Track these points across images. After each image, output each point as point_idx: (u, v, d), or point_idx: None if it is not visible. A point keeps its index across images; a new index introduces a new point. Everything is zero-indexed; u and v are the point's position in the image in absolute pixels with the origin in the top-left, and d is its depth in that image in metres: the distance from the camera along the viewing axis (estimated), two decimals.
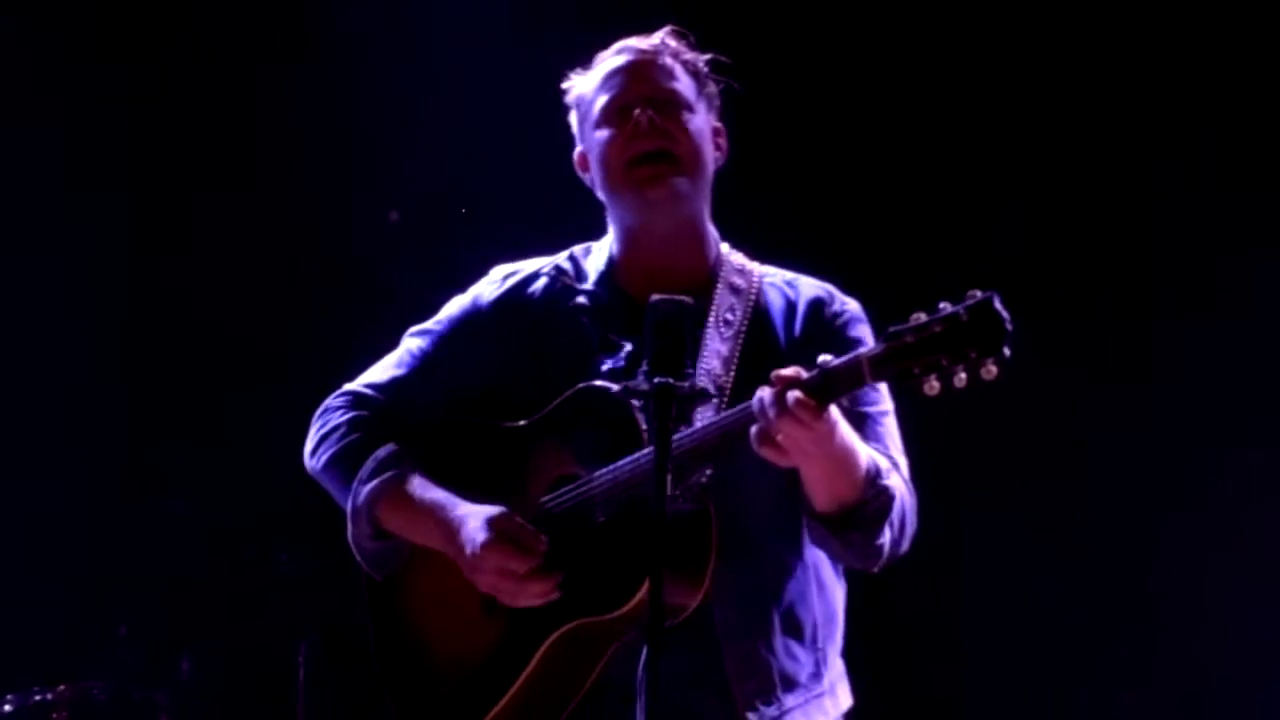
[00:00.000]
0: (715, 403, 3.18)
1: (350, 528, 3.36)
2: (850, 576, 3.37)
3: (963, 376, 2.80)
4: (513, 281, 3.46)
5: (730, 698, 3.19)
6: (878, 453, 3.16)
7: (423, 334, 3.48)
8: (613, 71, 3.40)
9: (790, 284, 3.40)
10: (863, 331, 3.32)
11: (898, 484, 3.15)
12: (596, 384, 3.23)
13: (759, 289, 3.36)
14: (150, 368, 6.20)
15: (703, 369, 3.23)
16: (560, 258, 3.47)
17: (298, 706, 5.70)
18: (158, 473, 6.13)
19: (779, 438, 2.93)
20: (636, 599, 3.04)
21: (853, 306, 3.38)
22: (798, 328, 3.33)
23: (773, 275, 3.41)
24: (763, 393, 2.93)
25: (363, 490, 3.31)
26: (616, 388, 3.03)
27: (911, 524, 3.20)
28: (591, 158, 3.40)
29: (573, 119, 3.47)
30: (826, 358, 2.92)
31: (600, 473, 3.17)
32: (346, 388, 3.47)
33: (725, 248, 3.43)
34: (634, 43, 3.42)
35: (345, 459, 3.37)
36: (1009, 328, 2.78)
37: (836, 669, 3.32)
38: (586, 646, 3.15)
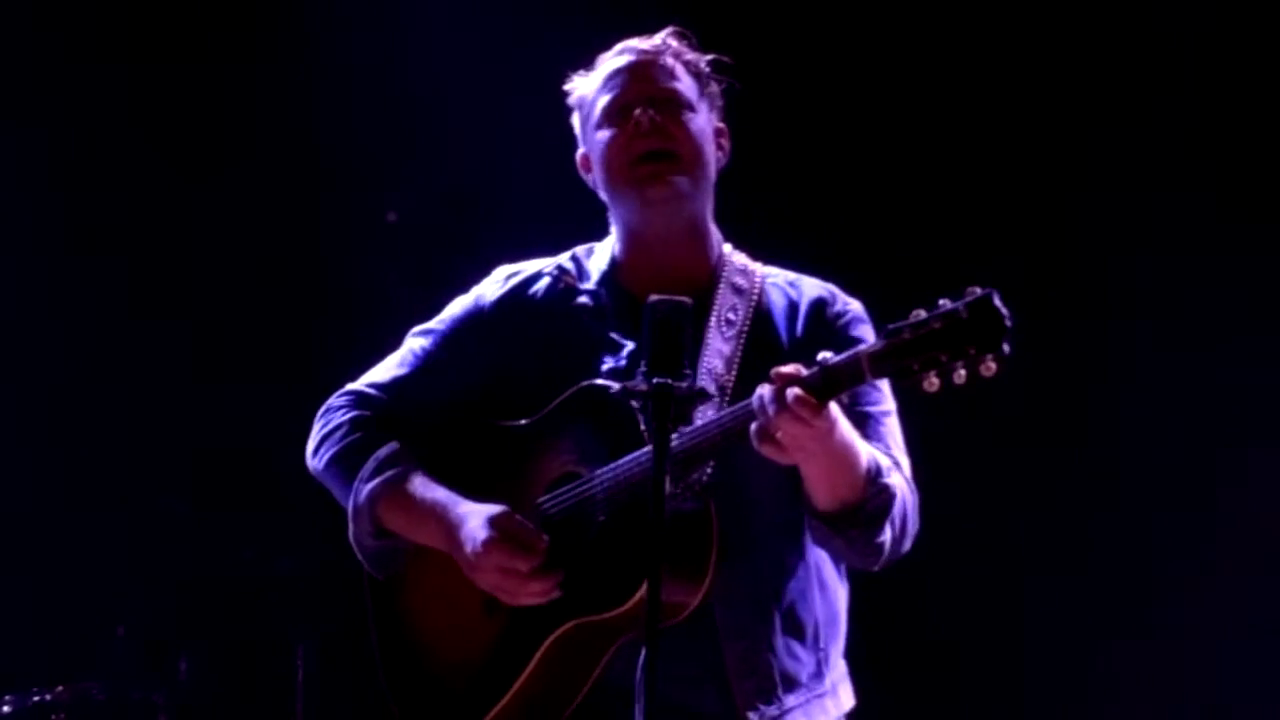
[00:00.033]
0: (716, 402, 3.18)
1: (351, 527, 3.37)
2: (853, 578, 3.37)
3: (962, 373, 2.80)
4: (515, 281, 3.46)
5: (731, 697, 3.19)
6: (879, 451, 3.16)
7: (425, 334, 3.48)
8: (614, 72, 3.40)
9: (793, 284, 3.40)
10: (865, 331, 3.31)
11: (899, 483, 3.15)
12: (597, 383, 3.23)
13: (761, 289, 3.36)
14: (150, 367, 6.19)
15: (705, 368, 3.23)
16: (563, 258, 3.47)
17: (296, 707, 5.69)
18: (157, 473, 6.12)
19: (779, 435, 2.93)
20: (636, 598, 3.04)
21: (855, 306, 3.38)
22: (800, 327, 3.33)
23: (775, 275, 3.41)
24: (763, 390, 2.93)
25: (364, 489, 3.32)
26: (618, 387, 3.03)
27: (913, 523, 3.21)
28: (593, 158, 3.40)
29: (575, 120, 3.47)
30: (826, 355, 2.92)
31: (601, 472, 3.18)
32: (349, 387, 3.48)
33: (728, 248, 3.42)
34: (636, 43, 3.43)
35: (347, 458, 3.37)
36: (1008, 324, 2.78)
37: (839, 669, 3.32)
38: (587, 646, 3.15)
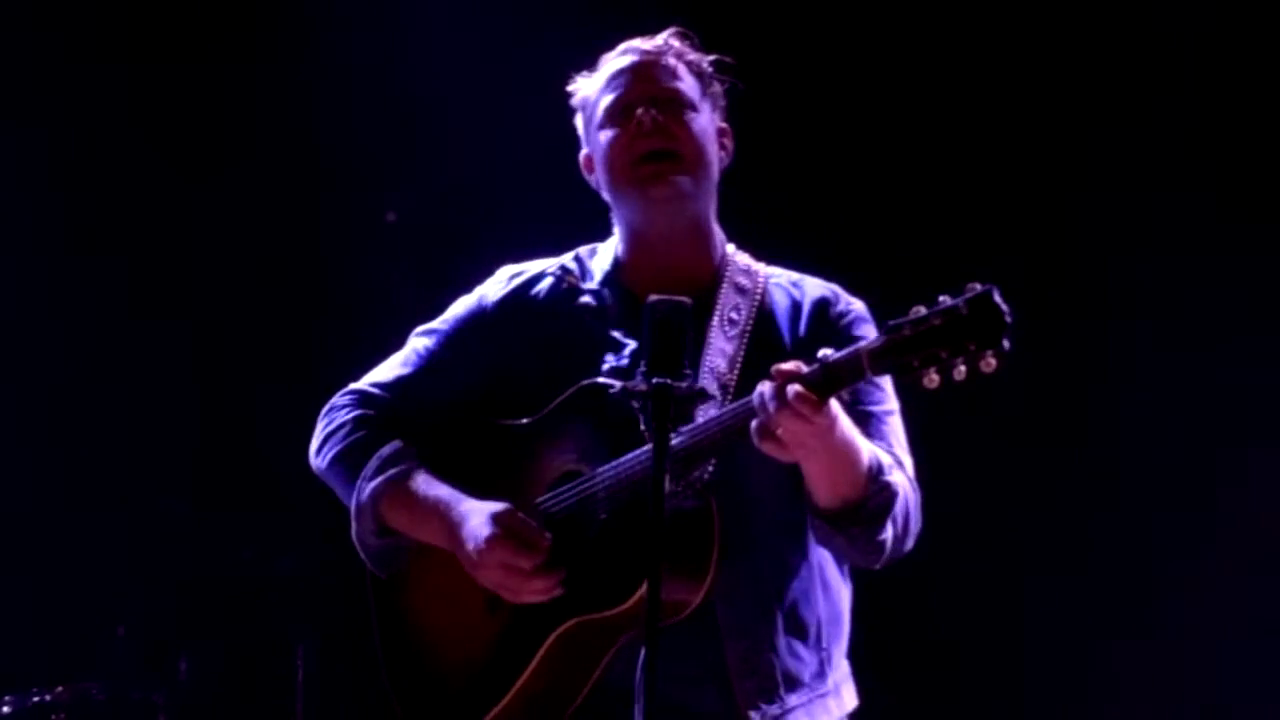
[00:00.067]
0: (717, 401, 3.18)
1: (354, 525, 3.37)
2: (857, 578, 3.37)
3: (962, 369, 2.80)
4: (518, 281, 3.46)
5: (732, 696, 3.19)
6: (881, 450, 3.16)
7: (429, 333, 3.48)
8: (617, 72, 3.40)
9: (796, 284, 3.41)
10: (868, 331, 3.31)
11: (900, 481, 3.15)
12: (599, 381, 3.23)
13: (764, 289, 3.36)
14: (150, 367, 6.19)
15: (707, 368, 3.23)
16: (566, 258, 3.48)
17: (296, 707, 5.69)
18: (157, 473, 6.12)
19: (779, 432, 2.93)
20: (637, 596, 3.04)
21: (858, 306, 3.38)
22: (803, 327, 3.33)
23: (778, 275, 3.42)
24: (763, 387, 2.94)
25: (367, 487, 3.32)
26: (618, 387, 3.03)
27: (916, 522, 3.20)
28: (596, 158, 3.40)
29: (578, 121, 3.47)
30: (826, 352, 2.92)
31: (602, 470, 3.18)
32: (352, 386, 3.48)
33: (731, 248, 3.43)
34: (638, 43, 3.43)
35: (350, 456, 3.37)
36: (1008, 320, 2.79)
37: (842, 670, 3.32)
38: (589, 644, 3.15)
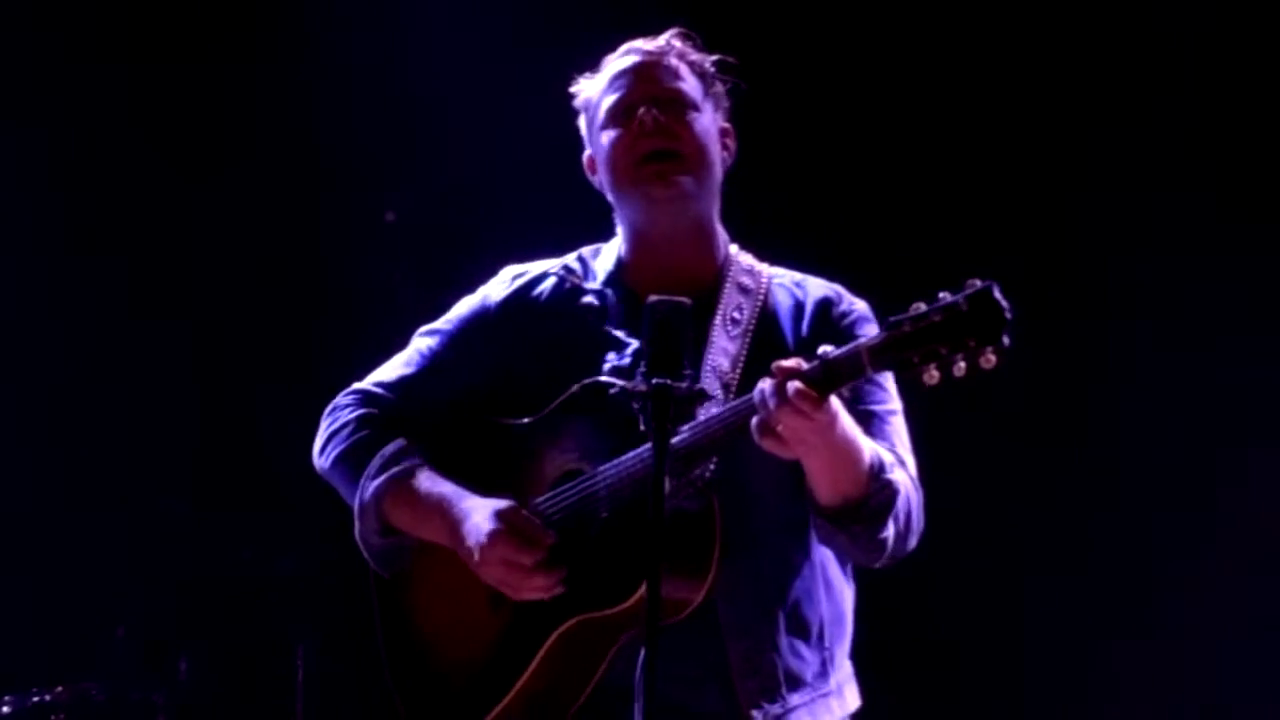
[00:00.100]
0: (719, 401, 3.18)
1: (357, 524, 3.37)
2: (861, 579, 3.37)
3: (962, 365, 2.80)
4: (521, 282, 3.47)
5: (734, 695, 3.19)
6: (883, 448, 3.16)
7: (432, 333, 3.48)
8: (619, 73, 3.41)
9: (799, 284, 3.41)
10: (870, 331, 3.28)
11: (902, 479, 3.15)
12: (600, 379, 3.24)
13: (767, 289, 3.37)
14: (150, 367, 6.19)
15: (710, 367, 3.24)
16: (569, 258, 3.49)
17: (296, 707, 5.69)
18: (157, 473, 6.12)
19: (780, 429, 2.94)
20: (638, 594, 3.04)
21: (861, 306, 3.38)
22: (805, 327, 3.33)
23: (781, 276, 3.42)
24: (763, 384, 2.95)
25: (370, 486, 3.32)
26: (618, 385, 3.03)
27: (918, 521, 3.20)
28: (599, 159, 3.41)
29: (581, 123, 3.48)
30: (827, 349, 2.93)
31: (604, 468, 3.19)
32: (355, 386, 3.48)
33: (735, 248, 3.43)
34: (640, 44, 3.44)
35: (353, 455, 3.37)
36: (1008, 316, 2.79)
37: (844, 670, 3.33)
38: (591, 643, 3.15)
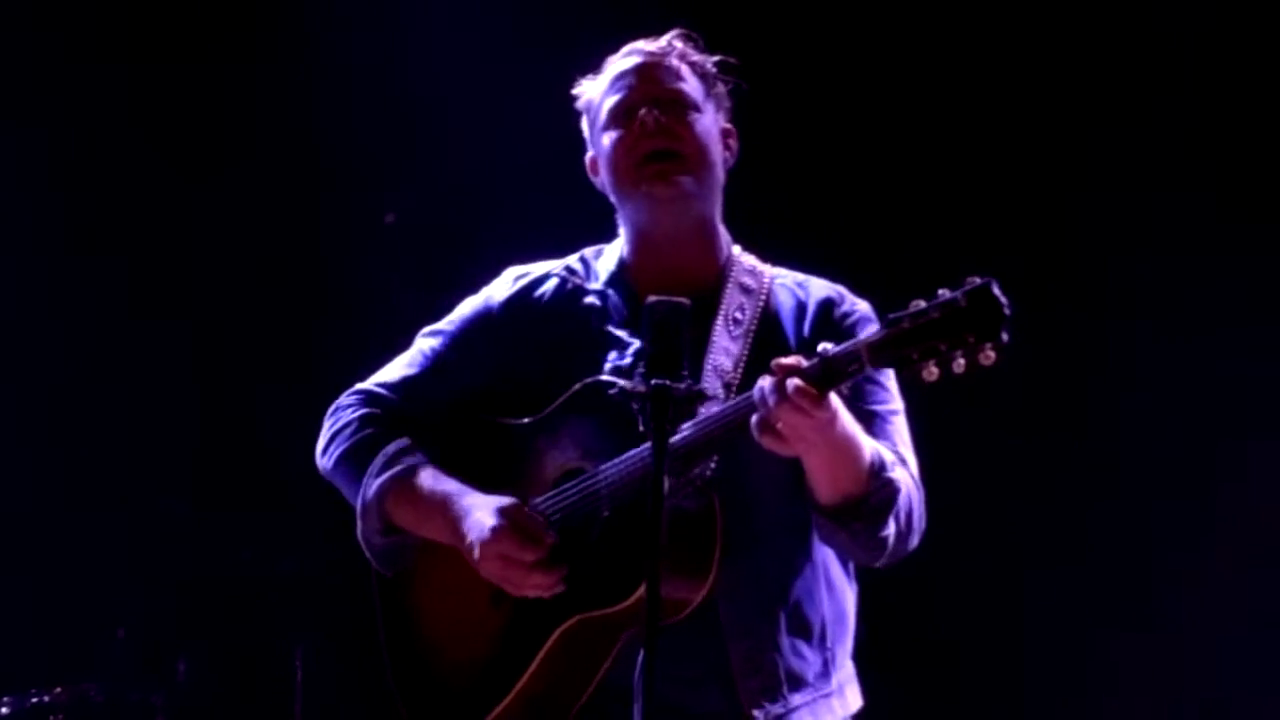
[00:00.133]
0: (720, 401, 3.18)
1: (360, 524, 3.37)
2: (862, 578, 3.37)
3: (961, 362, 2.81)
4: (524, 283, 3.47)
5: (735, 695, 3.20)
6: (883, 447, 3.16)
7: (435, 334, 3.49)
8: (620, 74, 3.42)
9: (801, 285, 3.42)
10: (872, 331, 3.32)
11: (903, 478, 3.16)
12: (601, 379, 3.24)
13: (770, 290, 3.37)
14: (150, 367, 6.19)
15: (711, 367, 3.24)
16: (571, 259, 3.49)
17: (296, 707, 5.69)
18: (157, 473, 6.12)
19: (779, 426, 2.94)
20: (638, 593, 3.04)
21: (863, 307, 3.39)
22: (807, 327, 3.34)
23: (784, 276, 3.43)
24: (763, 381, 2.95)
25: (373, 484, 3.33)
26: (617, 386, 3.02)
27: (920, 520, 3.20)
28: (600, 160, 3.42)
29: (584, 124, 3.49)
30: (826, 346, 2.93)
31: (605, 467, 3.19)
32: (358, 386, 3.48)
33: (737, 249, 3.44)
34: (641, 45, 3.44)
35: (356, 455, 3.38)
36: (1007, 313, 2.80)
37: (846, 670, 3.33)
38: (591, 642, 3.16)
